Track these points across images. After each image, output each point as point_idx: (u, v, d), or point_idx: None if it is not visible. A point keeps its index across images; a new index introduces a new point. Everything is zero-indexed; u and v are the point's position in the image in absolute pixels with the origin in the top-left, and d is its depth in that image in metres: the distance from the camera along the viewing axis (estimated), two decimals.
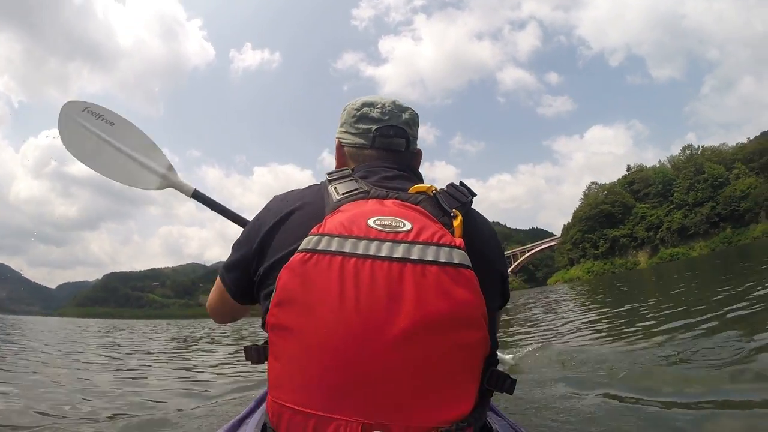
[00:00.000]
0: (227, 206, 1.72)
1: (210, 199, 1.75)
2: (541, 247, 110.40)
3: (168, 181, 1.79)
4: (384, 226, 0.78)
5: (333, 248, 0.76)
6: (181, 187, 1.79)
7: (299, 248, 0.79)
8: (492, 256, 0.99)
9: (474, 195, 0.98)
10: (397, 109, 1.17)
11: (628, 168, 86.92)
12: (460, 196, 0.95)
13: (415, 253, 0.75)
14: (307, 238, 0.80)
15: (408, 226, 0.78)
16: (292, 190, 1.07)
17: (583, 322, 6.90)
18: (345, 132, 1.18)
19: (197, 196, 1.75)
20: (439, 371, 0.73)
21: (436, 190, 0.94)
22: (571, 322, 7.62)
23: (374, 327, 0.71)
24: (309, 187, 1.06)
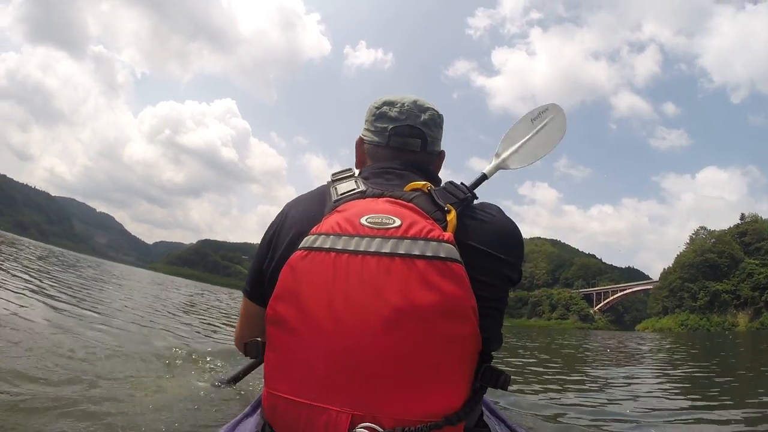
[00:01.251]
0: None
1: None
2: (634, 289, 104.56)
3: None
4: (375, 223, 0.82)
5: (327, 246, 0.81)
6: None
7: (299, 247, 0.85)
8: (491, 252, 0.96)
9: (473, 194, 1.00)
10: (417, 109, 1.18)
11: (742, 217, 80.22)
12: (457, 192, 0.97)
13: (403, 247, 0.78)
14: (306, 238, 0.86)
15: (398, 222, 0.81)
16: (302, 194, 1.12)
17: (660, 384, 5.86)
18: (366, 129, 1.22)
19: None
20: (427, 363, 0.75)
21: (431, 186, 0.96)
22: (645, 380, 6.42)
23: (362, 319, 0.75)
24: (317, 188, 1.10)
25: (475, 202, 1.02)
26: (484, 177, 1.42)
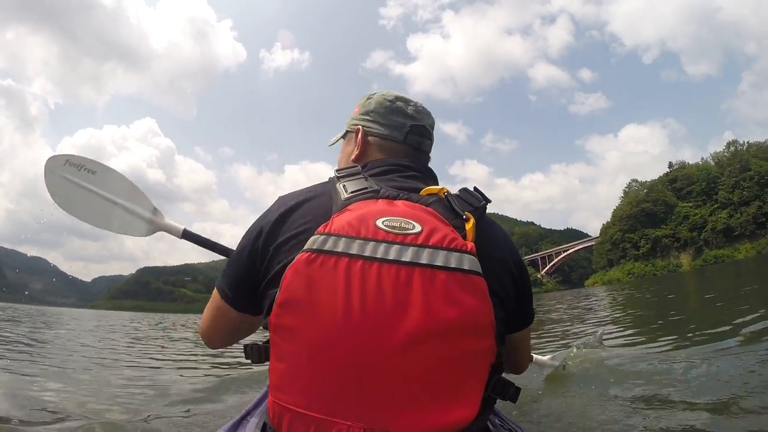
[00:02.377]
0: (218, 241, 1.72)
1: (201, 238, 1.78)
2: (577, 248, 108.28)
3: (156, 225, 1.82)
4: (393, 227, 0.77)
5: (339, 249, 0.75)
6: (170, 229, 1.81)
7: (305, 248, 0.78)
8: (505, 264, 0.96)
9: (488, 201, 0.96)
10: (425, 112, 1.18)
11: (670, 165, 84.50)
12: (473, 200, 0.93)
13: (425, 257, 0.74)
14: (313, 237, 0.78)
15: (418, 228, 0.77)
16: (297, 189, 1.05)
17: (618, 329, 6.36)
18: (372, 121, 1.16)
19: (187, 235, 1.78)
20: (444, 378, 0.72)
21: (448, 192, 0.92)
22: (604, 326, 7.01)
23: (380, 332, 0.71)
24: (315, 185, 1.04)
25: None
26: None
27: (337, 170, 1.00)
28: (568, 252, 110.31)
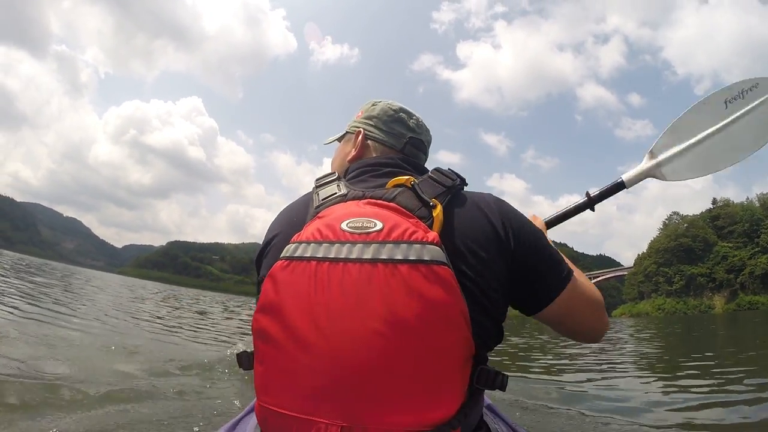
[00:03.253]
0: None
1: None
2: (609, 275, 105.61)
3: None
4: (356, 228, 0.78)
5: (308, 254, 0.77)
6: None
7: (280, 256, 0.81)
8: (488, 236, 0.89)
9: (462, 180, 0.94)
10: (425, 128, 1.21)
11: (714, 201, 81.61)
12: (444, 180, 0.92)
13: (385, 252, 0.74)
14: (287, 246, 0.82)
15: (379, 225, 0.77)
16: (292, 202, 1.08)
17: (638, 364, 6.50)
18: (374, 126, 1.18)
19: None
20: (416, 373, 0.72)
21: (414, 180, 0.91)
22: (623, 361, 7.16)
23: (346, 330, 0.72)
24: (305, 195, 1.06)
25: (466, 190, 0.97)
26: (620, 186, 1.31)
27: (316, 179, 1.03)
28: (599, 279, 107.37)
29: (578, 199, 1.45)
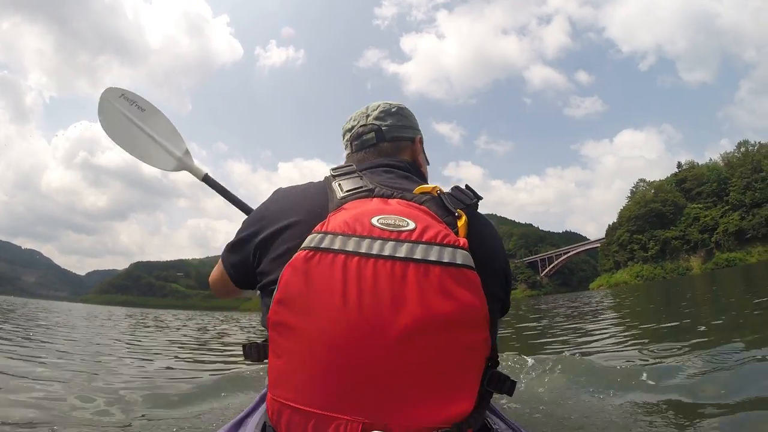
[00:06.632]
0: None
1: (219, 185, 1.88)
2: (578, 250, 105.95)
3: (183, 164, 1.95)
4: (388, 225, 0.78)
5: (336, 246, 0.76)
6: (194, 171, 1.95)
7: (302, 246, 0.79)
8: (495, 260, 0.99)
9: (479, 198, 0.99)
10: (367, 111, 1.27)
11: (679, 165, 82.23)
12: (464, 198, 0.95)
13: (419, 252, 0.75)
14: (310, 236, 0.80)
15: (412, 225, 0.79)
16: (296, 185, 1.09)
17: (622, 335, 5.81)
18: (347, 144, 1.28)
19: (207, 180, 1.90)
20: (441, 372, 0.73)
21: (440, 190, 0.94)
22: (607, 332, 6.43)
23: (376, 327, 0.72)
24: (312, 182, 1.07)
25: None
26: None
27: (332, 168, 1.04)
28: (569, 254, 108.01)
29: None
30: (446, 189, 0.98)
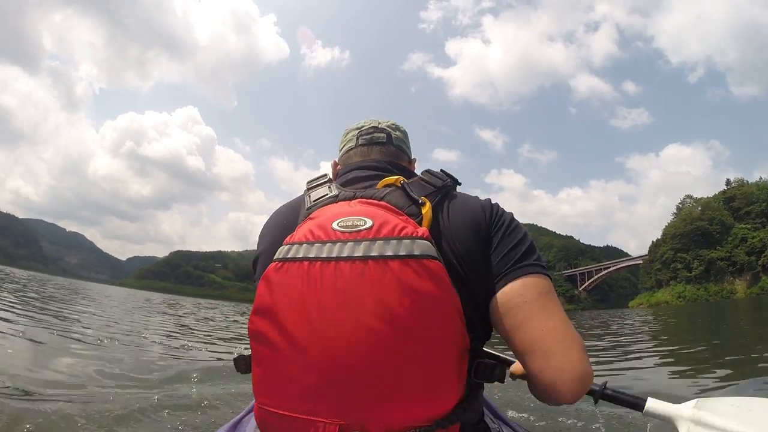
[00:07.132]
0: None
1: None
2: (619, 266, 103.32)
3: None
4: (346, 226, 0.79)
5: (300, 255, 0.78)
6: None
7: (273, 258, 0.82)
8: (468, 234, 0.89)
9: (454, 180, 0.97)
10: (377, 123, 1.24)
11: (728, 182, 79.24)
12: (434, 181, 0.94)
13: (376, 249, 0.74)
14: (280, 248, 0.83)
15: (368, 223, 0.78)
16: (286, 202, 1.10)
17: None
18: (339, 150, 1.26)
19: None
20: (411, 368, 0.72)
21: (404, 180, 0.93)
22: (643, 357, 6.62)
23: (340, 328, 0.72)
24: (296, 198, 1.08)
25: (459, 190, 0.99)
26: (637, 407, 1.11)
27: (308, 182, 1.04)
28: (610, 270, 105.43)
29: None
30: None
